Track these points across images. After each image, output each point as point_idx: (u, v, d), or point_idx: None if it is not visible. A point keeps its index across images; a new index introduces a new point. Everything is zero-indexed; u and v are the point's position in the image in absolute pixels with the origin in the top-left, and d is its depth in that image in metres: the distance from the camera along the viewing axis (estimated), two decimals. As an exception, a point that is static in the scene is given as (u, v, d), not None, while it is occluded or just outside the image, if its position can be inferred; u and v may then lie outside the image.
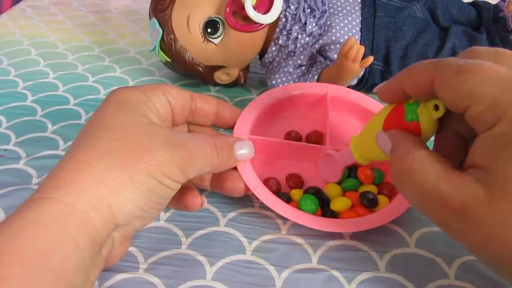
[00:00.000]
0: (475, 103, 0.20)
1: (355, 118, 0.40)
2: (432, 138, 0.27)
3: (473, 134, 0.24)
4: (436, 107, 0.24)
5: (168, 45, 0.45)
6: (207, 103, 0.33)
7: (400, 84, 0.25)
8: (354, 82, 0.46)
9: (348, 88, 0.40)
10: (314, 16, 0.45)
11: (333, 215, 0.32)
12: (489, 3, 0.48)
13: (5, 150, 0.40)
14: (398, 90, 0.25)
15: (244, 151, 0.31)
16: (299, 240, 0.32)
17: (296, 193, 0.34)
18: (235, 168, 0.32)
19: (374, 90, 0.28)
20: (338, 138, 0.37)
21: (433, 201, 0.21)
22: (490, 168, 0.20)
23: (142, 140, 0.25)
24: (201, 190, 0.35)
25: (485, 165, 0.20)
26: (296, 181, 0.35)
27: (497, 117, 0.20)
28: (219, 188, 0.33)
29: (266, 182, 0.34)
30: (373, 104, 0.39)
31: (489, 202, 0.19)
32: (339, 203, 0.32)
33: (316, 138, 0.38)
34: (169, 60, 0.47)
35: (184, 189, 0.30)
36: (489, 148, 0.20)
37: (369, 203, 0.32)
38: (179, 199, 0.30)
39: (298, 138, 0.38)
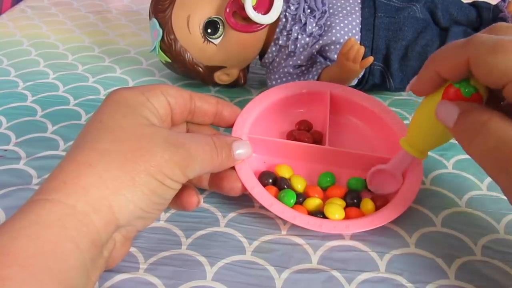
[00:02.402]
0: None
1: (355, 118, 0.40)
2: None
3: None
4: (477, 93, 0.25)
5: (168, 45, 0.45)
6: (206, 103, 0.33)
7: (435, 72, 0.26)
8: (354, 82, 0.46)
9: (349, 87, 0.40)
10: (314, 16, 0.45)
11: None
12: (489, 4, 0.48)
13: (5, 150, 0.40)
14: (434, 77, 0.26)
15: (242, 150, 0.31)
16: (299, 240, 0.32)
17: (283, 170, 0.35)
18: (233, 168, 0.32)
19: (407, 90, 0.29)
20: (337, 138, 0.37)
21: (504, 153, 0.22)
22: None
23: (141, 140, 0.25)
24: (201, 190, 0.35)
25: None
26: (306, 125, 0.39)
27: None
28: (216, 187, 0.33)
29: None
30: (374, 103, 0.39)
31: None
32: (334, 213, 0.32)
33: (316, 137, 0.38)
34: (169, 60, 0.47)
35: (181, 188, 0.30)
36: None
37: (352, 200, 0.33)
38: (176, 198, 0.30)
39: (309, 127, 0.39)
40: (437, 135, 0.28)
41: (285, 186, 0.34)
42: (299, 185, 0.34)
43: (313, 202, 0.33)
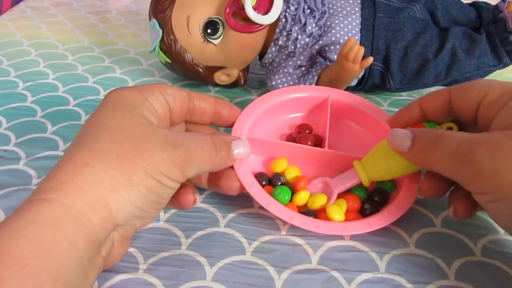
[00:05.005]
0: (491, 91, 0.28)
1: (355, 124, 0.40)
2: None
3: None
4: (449, 129, 0.31)
5: (168, 45, 0.45)
6: (204, 102, 0.33)
7: (419, 106, 0.31)
8: (354, 83, 0.46)
9: (350, 93, 0.40)
10: (314, 16, 0.45)
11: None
12: (489, 4, 0.48)
13: (5, 150, 0.40)
14: (415, 111, 0.31)
15: (240, 150, 0.31)
16: (299, 240, 0.32)
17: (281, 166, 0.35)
18: (232, 167, 0.32)
19: (388, 123, 0.33)
20: (337, 143, 0.37)
21: (467, 148, 0.25)
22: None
23: (139, 140, 0.25)
24: (201, 191, 0.35)
25: (506, 128, 0.26)
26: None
27: (510, 96, 0.27)
28: (215, 186, 0.33)
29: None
30: (372, 108, 0.39)
31: None
32: (334, 213, 0.32)
33: (316, 141, 0.38)
34: (169, 60, 0.47)
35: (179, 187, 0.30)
36: (508, 116, 0.26)
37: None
38: (173, 196, 0.30)
39: (310, 131, 0.39)
40: (387, 166, 0.31)
41: (279, 183, 0.34)
42: (293, 174, 0.35)
43: (300, 197, 0.33)
